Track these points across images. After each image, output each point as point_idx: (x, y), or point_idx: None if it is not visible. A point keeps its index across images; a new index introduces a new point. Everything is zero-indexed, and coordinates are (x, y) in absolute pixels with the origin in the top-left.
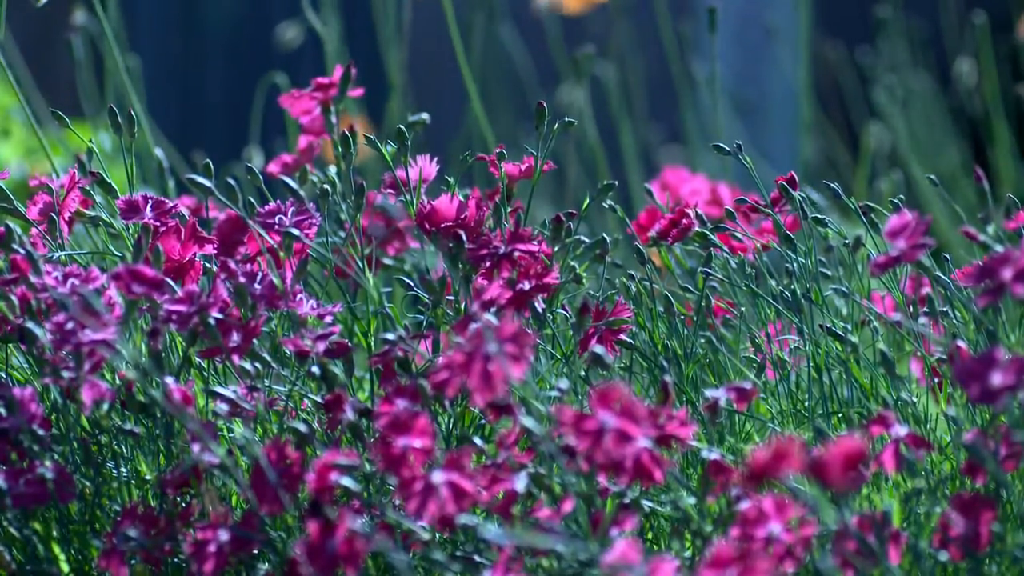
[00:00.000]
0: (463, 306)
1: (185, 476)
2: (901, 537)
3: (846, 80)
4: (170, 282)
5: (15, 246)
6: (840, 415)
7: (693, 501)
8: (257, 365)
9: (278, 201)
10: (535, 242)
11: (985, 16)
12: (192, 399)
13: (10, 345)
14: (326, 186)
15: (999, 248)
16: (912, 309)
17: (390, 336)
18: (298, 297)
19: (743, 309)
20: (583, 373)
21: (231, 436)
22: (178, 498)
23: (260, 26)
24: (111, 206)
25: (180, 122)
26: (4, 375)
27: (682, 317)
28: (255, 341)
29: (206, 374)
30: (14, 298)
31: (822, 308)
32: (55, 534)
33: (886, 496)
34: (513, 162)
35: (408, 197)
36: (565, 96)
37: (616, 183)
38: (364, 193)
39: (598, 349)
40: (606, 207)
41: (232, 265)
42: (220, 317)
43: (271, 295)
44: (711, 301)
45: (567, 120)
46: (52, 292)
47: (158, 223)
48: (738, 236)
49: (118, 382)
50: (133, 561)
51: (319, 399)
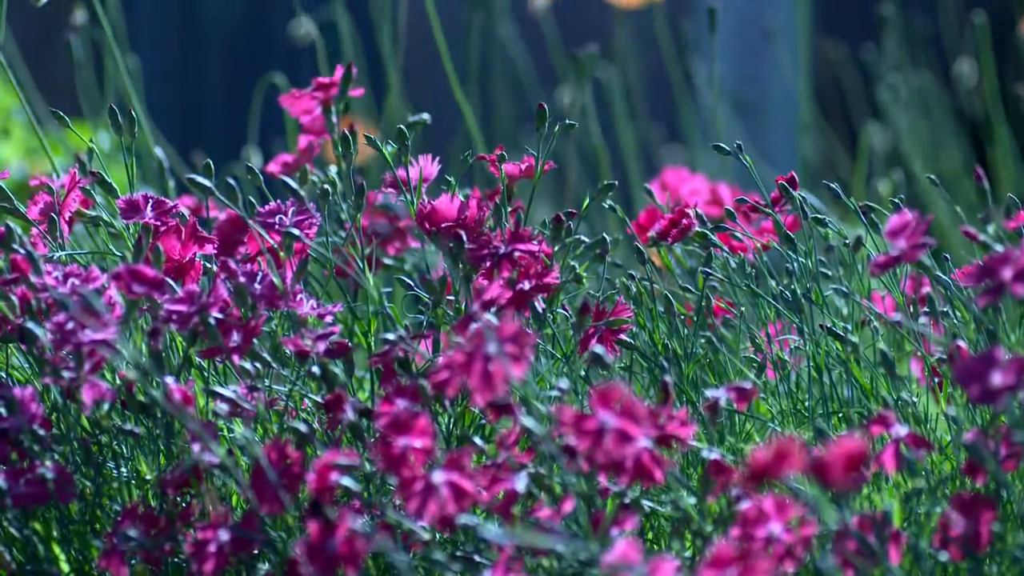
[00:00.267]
0: (463, 306)
1: (185, 476)
2: (901, 537)
3: (846, 79)
4: (170, 282)
5: (15, 246)
6: (840, 415)
7: (693, 501)
8: (257, 365)
9: (278, 201)
10: (535, 242)
11: (985, 15)
12: (192, 399)
13: (10, 345)
14: (326, 186)
15: (999, 248)
16: (912, 309)
17: (390, 336)
18: (298, 297)
19: (743, 309)
20: (583, 373)
21: (231, 436)
22: (178, 498)
23: (260, 26)
24: (111, 206)
25: (180, 122)
26: (4, 375)
27: (682, 317)
28: (255, 341)
29: (206, 374)
30: (14, 298)
31: (822, 308)
32: (55, 534)
33: (886, 496)
34: (513, 162)
35: (409, 197)
36: (566, 96)
37: (616, 183)
38: (364, 193)
39: (598, 349)
40: (606, 207)
41: (232, 265)
42: (220, 317)
43: (271, 295)
44: (711, 301)
45: (568, 123)
46: (52, 292)
47: (158, 223)
48: (738, 236)
49: (118, 382)
50: (133, 561)
51: (319, 399)
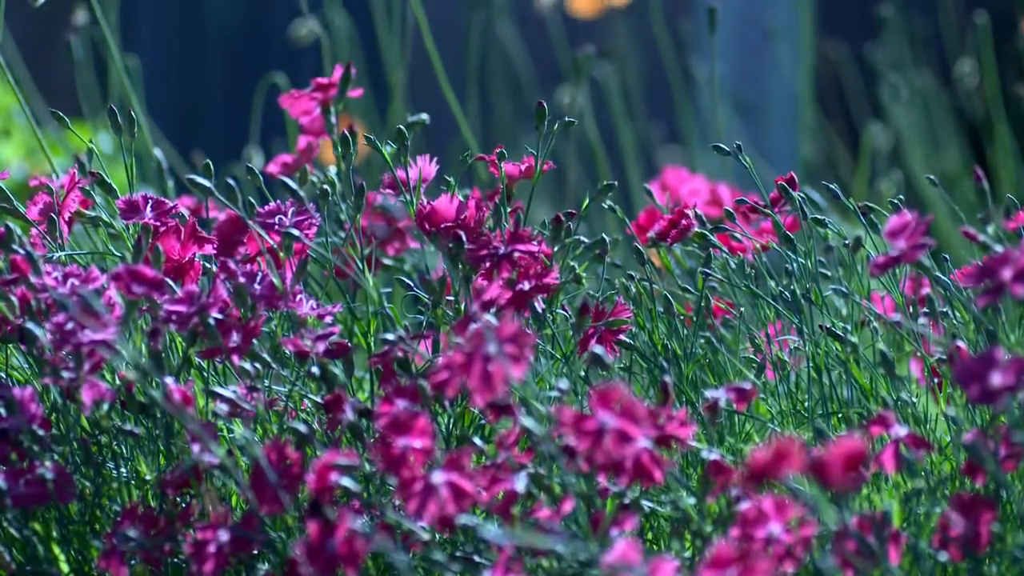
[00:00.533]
0: (463, 306)
1: (185, 476)
2: (901, 537)
3: (847, 79)
4: (170, 282)
5: (15, 246)
6: (840, 415)
7: (693, 501)
8: (257, 365)
9: (278, 201)
10: (535, 242)
11: (986, 16)
12: (192, 399)
13: (10, 345)
14: (326, 186)
15: (999, 248)
16: (912, 309)
17: (390, 336)
18: (298, 297)
19: (743, 309)
20: (583, 373)
21: (231, 436)
22: (178, 498)
23: (260, 26)
24: (111, 206)
25: (180, 122)
26: (4, 375)
27: (682, 317)
28: (255, 341)
29: (206, 374)
30: (14, 298)
31: (822, 308)
32: (55, 534)
33: (886, 496)
34: (513, 162)
35: (408, 197)
36: (565, 96)
37: (616, 183)
38: (364, 193)
39: (598, 349)
40: (606, 207)
41: (232, 265)
42: (220, 317)
43: (271, 295)
44: (711, 301)
45: (567, 120)
46: (52, 292)
47: (158, 223)
48: (737, 236)
49: (118, 382)
50: (133, 561)
51: (319, 399)
